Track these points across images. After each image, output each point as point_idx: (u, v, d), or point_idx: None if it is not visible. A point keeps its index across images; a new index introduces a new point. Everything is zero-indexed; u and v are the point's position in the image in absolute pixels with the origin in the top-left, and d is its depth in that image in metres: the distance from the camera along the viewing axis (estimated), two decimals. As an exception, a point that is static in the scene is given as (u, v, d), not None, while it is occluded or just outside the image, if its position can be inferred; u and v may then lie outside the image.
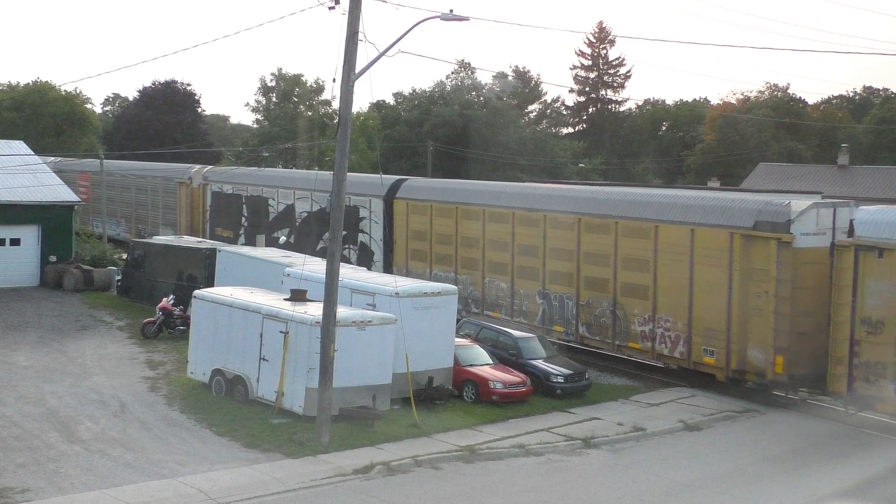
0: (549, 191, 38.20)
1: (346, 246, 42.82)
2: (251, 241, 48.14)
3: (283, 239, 45.74)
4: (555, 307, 34.26)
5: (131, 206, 60.38)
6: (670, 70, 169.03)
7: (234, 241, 49.64)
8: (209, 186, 54.71)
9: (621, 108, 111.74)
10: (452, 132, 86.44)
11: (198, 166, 58.58)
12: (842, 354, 26.43)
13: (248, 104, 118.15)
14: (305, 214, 46.88)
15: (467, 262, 37.87)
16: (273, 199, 48.97)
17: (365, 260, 42.63)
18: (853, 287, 26.14)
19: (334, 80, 23.38)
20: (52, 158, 63.92)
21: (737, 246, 28.72)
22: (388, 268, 41.16)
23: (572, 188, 40.94)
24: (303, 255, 34.33)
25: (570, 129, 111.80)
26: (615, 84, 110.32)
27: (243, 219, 51.59)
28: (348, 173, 24.00)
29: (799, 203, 28.36)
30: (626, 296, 32.02)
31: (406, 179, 43.64)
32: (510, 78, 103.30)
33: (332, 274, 23.82)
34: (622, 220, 32.12)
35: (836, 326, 26.59)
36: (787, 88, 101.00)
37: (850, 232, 27.04)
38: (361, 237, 43.42)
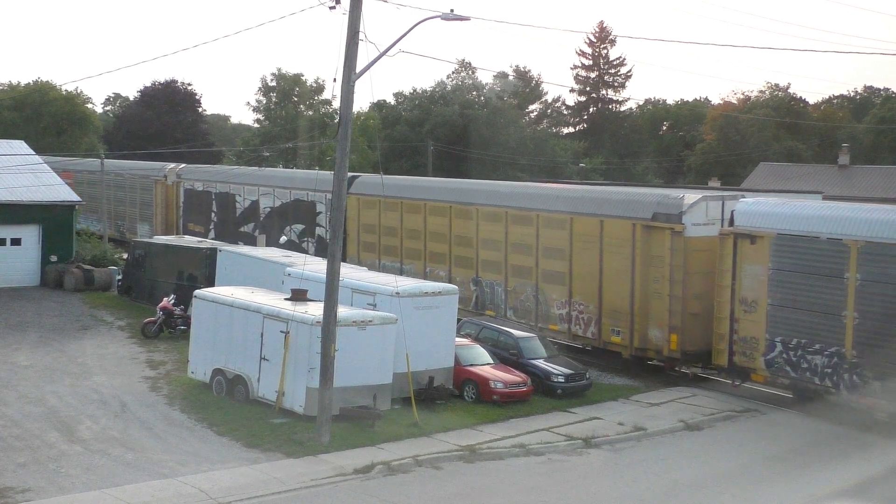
0: (480, 186, 41.14)
1: (305, 238, 46.63)
2: (221, 236, 50.94)
3: (283, 238, 45.90)
4: (486, 293, 36.88)
5: (110, 202, 61.19)
6: (671, 70, 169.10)
7: (204, 236, 51.68)
8: (182, 184, 57.54)
9: (622, 108, 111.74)
10: (453, 132, 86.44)
11: (172, 165, 60.64)
12: (723, 331, 29.33)
13: (248, 104, 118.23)
14: (269, 209, 49.52)
15: (411, 253, 40.70)
16: (240, 196, 51.88)
17: (322, 251, 43.54)
18: (732, 271, 29.03)
19: (335, 79, 23.41)
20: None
21: (638, 235, 31.35)
22: (343, 258, 41.15)
23: (501, 184, 43.66)
24: (303, 255, 34.39)
25: (571, 129, 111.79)
26: (616, 84, 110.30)
27: (213, 214, 54.43)
28: (303, 171, 24.52)
29: (690, 196, 31.15)
30: (546, 282, 34.63)
31: (358, 176, 45.83)
32: (511, 78, 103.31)
33: (332, 274, 23.83)
34: (543, 213, 34.85)
35: (719, 306, 29.47)
36: (788, 88, 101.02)
37: (731, 222, 29.48)
38: (318, 230, 46.12)
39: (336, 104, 39.35)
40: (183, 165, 60.62)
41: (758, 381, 29.19)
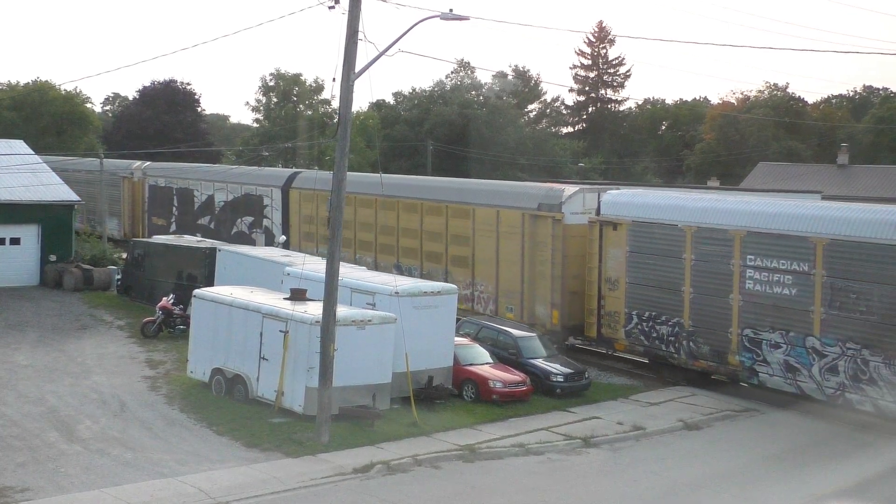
0: (401, 181, 44.98)
1: (254, 229, 50.66)
2: (181, 228, 54.10)
3: (283, 238, 46.10)
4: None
5: (83, 198, 62.15)
6: (670, 69, 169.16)
7: (166, 229, 55.65)
8: (147, 181, 60.67)
9: (621, 108, 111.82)
10: (452, 131, 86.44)
11: (138, 162, 63.05)
12: (593, 307, 33.24)
13: (247, 104, 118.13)
14: (223, 203, 53.30)
15: (344, 242, 42.25)
16: (197, 191, 55.49)
17: (269, 241, 48.74)
18: (599, 254, 32.99)
19: (334, 79, 23.41)
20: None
21: (526, 223, 35.15)
22: (286, 247, 45.84)
23: (418, 179, 48.86)
24: (303, 255, 34.48)
25: (570, 129, 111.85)
26: (615, 83, 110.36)
27: (174, 209, 57.64)
28: (251, 168, 25.15)
29: (570, 189, 35.31)
30: (454, 265, 38.37)
31: (300, 172, 50.84)
32: (510, 77, 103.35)
33: (331, 273, 23.83)
34: (451, 204, 38.54)
35: (589, 285, 33.41)
36: (787, 88, 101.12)
37: (598, 211, 33.37)
38: (266, 222, 50.23)
39: (335, 104, 41.19)
40: (148, 163, 62.70)
41: (620, 349, 32.87)
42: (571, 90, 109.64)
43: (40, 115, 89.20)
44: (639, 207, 32.01)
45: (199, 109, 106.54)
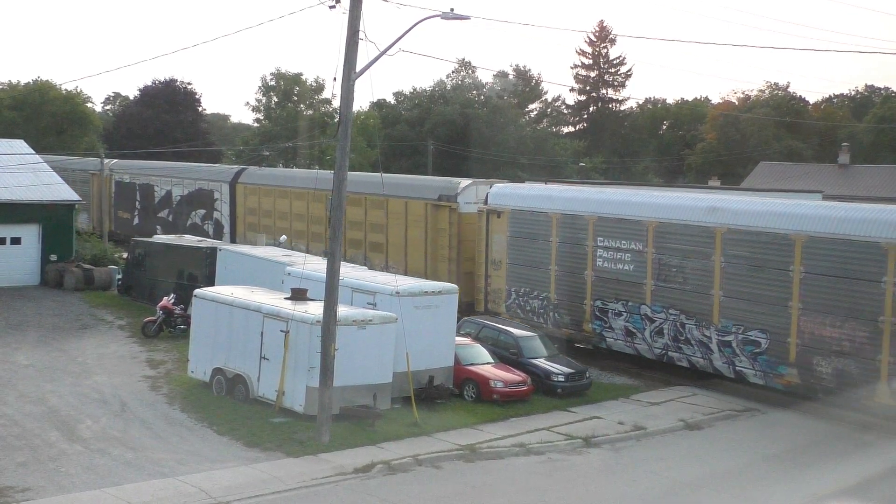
0: (329, 175, 46.64)
1: (206, 221, 55.11)
2: (143, 221, 58.14)
3: (283, 237, 46.20)
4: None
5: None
6: (671, 69, 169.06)
7: (130, 222, 59.84)
8: (113, 177, 63.94)
9: (622, 107, 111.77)
10: (453, 131, 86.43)
11: (106, 160, 65.32)
12: (481, 285, 37.58)
13: (248, 104, 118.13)
14: (179, 197, 57.32)
15: (285, 231, 48.70)
16: (157, 187, 59.37)
17: (218, 232, 53.79)
18: (486, 238, 37.28)
19: (335, 79, 23.39)
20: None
21: (429, 212, 39.85)
22: (233, 237, 52.52)
23: (351, 176, 51.88)
24: (303, 255, 34.52)
25: (571, 128, 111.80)
26: (616, 83, 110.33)
27: (137, 203, 61.19)
28: (203, 164, 26.50)
29: (464, 182, 40.25)
30: (372, 251, 43.21)
31: (246, 168, 55.72)
32: (511, 77, 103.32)
33: (332, 273, 23.82)
34: (369, 196, 43.10)
35: (478, 266, 37.87)
36: (788, 87, 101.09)
37: (486, 201, 37.59)
38: (216, 214, 54.69)
39: (336, 103, 42.95)
40: (115, 161, 65.96)
41: (503, 315, 36.34)
42: (572, 90, 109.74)
43: (41, 115, 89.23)
44: (518, 198, 36.65)
45: (199, 109, 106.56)
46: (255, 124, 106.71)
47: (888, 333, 25.49)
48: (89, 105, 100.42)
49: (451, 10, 24.46)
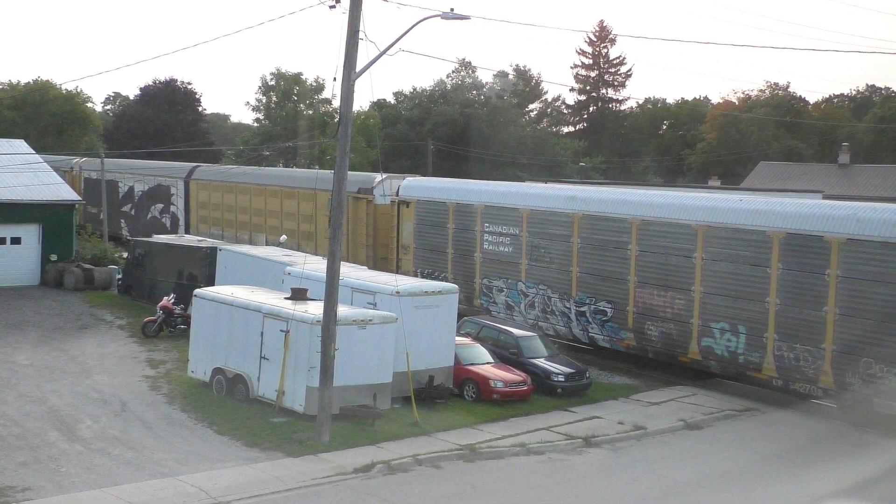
0: (269, 171, 57.36)
1: (164, 214, 59.76)
2: (109, 216, 58.71)
3: (283, 237, 46.35)
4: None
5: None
6: (671, 69, 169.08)
7: (97, 216, 60.75)
8: (83, 174, 67.77)
9: (622, 107, 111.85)
10: (453, 131, 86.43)
11: (77, 158, 69.88)
12: (393, 268, 40.67)
13: (248, 103, 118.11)
14: (140, 193, 61.66)
15: (227, 222, 54.87)
16: (121, 182, 63.49)
17: (174, 225, 58.53)
18: (397, 226, 41.54)
19: (335, 78, 23.41)
20: None
21: (350, 204, 43.17)
22: (187, 229, 56.71)
23: (270, 170, 59.76)
24: (303, 254, 34.56)
25: (571, 128, 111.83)
26: (616, 83, 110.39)
27: (102, 199, 62.53)
28: (161, 162, 29.03)
29: (379, 177, 44.98)
30: (304, 239, 48.19)
31: (199, 166, 60.55)
32: (511, 77, 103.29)
33: (332, 273, 23.82)
34: (301, 190, 48.93)
35: (391, 251, 42.12)
36: (788, 87, 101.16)
37: (397, 193, 41.87)
38: (172, 208, 59.40)
39: (336, 103, 44.42)
40: (85, 159, 69.51)
41: None
42: (572, 89, 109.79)
43: (41, 115, 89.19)
44: (423, 190, 41.04)
45: (199, 109, 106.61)
46: (255, 124, 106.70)
47: (699, 301, 30.29)
48: (89, 105, 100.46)
49: (451, 9, 24.46)
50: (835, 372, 26.91)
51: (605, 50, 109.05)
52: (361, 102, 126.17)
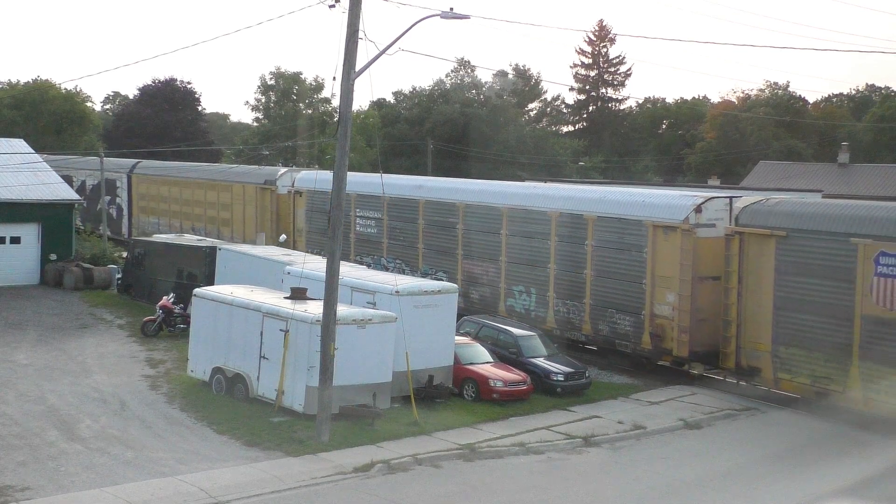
0: (197, 166, 63.65)
1: (111, 206, 65.61)
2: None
3: (283, 237, 46.46)
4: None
5: None
6: (670, 68, 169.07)
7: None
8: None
9: (621, 107, 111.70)
10: (453, 130, 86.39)
11: (37, 155, 70.52)
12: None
13: (247, 103, 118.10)
14: (91, 186, 66.54)
15: (166, 212, 60.65)
16: (75, 178, 67.14)
17: (120, 216, 65.33)
18: (293, 213, 49.20)
19: (334, 78, 23.40)
20: None
21: (258, 194, 52.37)
22: (130, 219, 64.25)
23: (202, 166, 65.77)
24: (303, 254, 34.56)
25: (571, 128, 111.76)
26: (615, 82, 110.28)
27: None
28: (108, 158, 33.29)
29: (282, 170, 53.20)
30: (222, 225, 55.16)
31: (140, 161, 66.12)
32: (510, 76, 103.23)
33: (332, 272, 23.81)
34: (222, 183, 55.96)
35: (289, 233, 48.50)
36: (788, 87, 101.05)
37: (293, 185, 49.44)
38: (118, 200, 65.95)
39: (335, 102, 45.36)
40: (45, 155, 70.92)
41: None
42: (572, 89, 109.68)
43: (40, 114, 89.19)
44: (312, 182, 47.00)
45: (199, 108, 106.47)
46: (255, 123, 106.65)
47: (504, 269, 36.56)
48: (89, 104, 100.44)
49: (451, 9, 24.45)
50: (591, 321, 33.61)
51: (605, 49, 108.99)
52: (361, 102, 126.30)
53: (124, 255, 47.25)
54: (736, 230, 29.58)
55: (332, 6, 23.35)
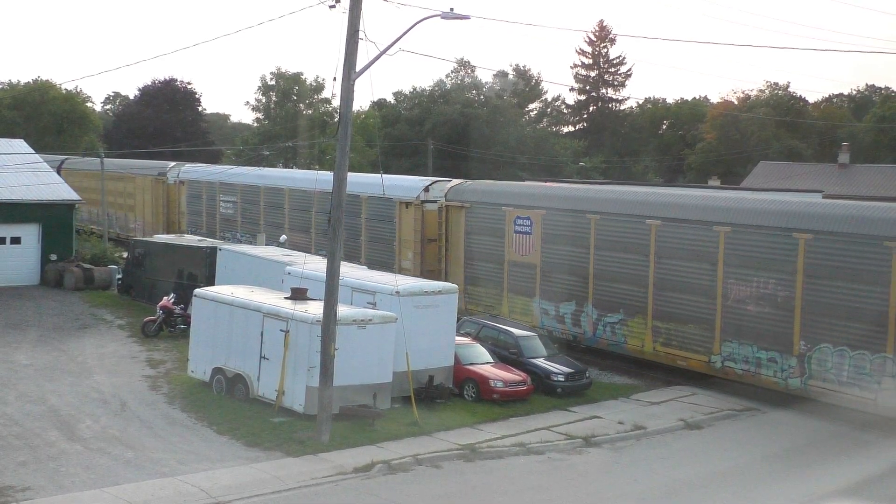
0: (114, 162, 66.89)
1: None
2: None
3: (283, 237, 46.27)
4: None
5: None
6: (671, 69, 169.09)
7: None
8: None
9: (622, 107, 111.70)
10: (453, 131, 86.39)
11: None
12: (175, 229, 55.10)
13: (248, 103, 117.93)
14: None
15: (91, 202, 62.45)
16: None
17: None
18: (178, 200, 58.10)
19: (335, 78, 23.41)
20: None
21: (154, 185, 60.48)
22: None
23: (122, 161, 68.92)
24: (303, 254, 34.54)
25: (571, 128, 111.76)
26: (616, 83, 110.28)
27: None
28: (42, 155, 49.96)
29: (171, 164, 61.30)
30: (129, 211, 63.38)
31: (68, 157, 71.02)
32: (511, 76, 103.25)
33: (332, 272, 23.81)
34: (125, 174, 62.95)
35: (175, 216, 58.86)
36: (788, 87, 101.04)
37: (178, 176, 58.14)
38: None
39: (336, 103, 45.97)
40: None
41: None
42: (572, 89, 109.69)
43: (41, 115, 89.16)
44: (190, 174, 57.57)
45: (199, 108, 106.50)
46: (255, 124, 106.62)
47: (364, 247, 43.27)
48: (89, 105, 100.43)
49: (451, 9, 24.45)
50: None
51: (605, 50, 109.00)
52: (361, 102, 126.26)
53: (124, 255, 47.23)
54: (445, 204, 40.07)
55: (332, 6, 23.36)
